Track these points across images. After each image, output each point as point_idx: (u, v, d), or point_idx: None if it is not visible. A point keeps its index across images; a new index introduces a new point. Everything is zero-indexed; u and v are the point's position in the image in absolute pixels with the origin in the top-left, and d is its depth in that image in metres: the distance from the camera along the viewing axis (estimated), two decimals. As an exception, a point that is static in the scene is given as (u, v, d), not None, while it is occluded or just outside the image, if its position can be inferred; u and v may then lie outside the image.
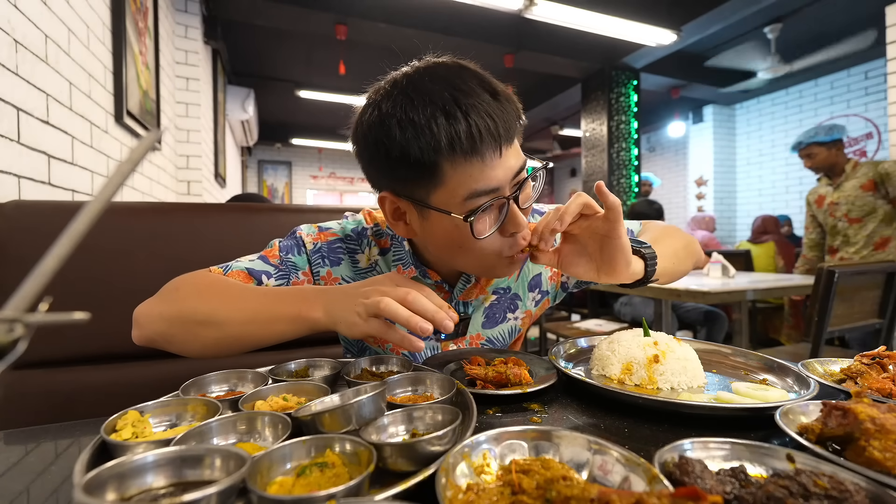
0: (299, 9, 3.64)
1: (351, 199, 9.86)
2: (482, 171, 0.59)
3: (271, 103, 6.46)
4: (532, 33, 4.24)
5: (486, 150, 0.58)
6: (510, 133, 0.60)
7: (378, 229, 0.83)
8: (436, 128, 0.56)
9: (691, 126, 6.86)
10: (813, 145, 2.71)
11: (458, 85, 0.58)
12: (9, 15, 1.16)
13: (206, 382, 0.56)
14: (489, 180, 0.60)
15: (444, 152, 0.57)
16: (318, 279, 0.80)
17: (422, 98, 0.58)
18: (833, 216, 2.76)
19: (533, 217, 0.92)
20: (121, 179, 0.27)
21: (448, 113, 0.57)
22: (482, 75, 0.62)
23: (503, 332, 0.87)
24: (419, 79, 0.60)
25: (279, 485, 0.34)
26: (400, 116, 0.58)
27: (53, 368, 0.92)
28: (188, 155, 3.13)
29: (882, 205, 2.59)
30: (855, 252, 2.70)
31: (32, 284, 0.24)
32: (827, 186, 2.81)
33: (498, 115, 0.58)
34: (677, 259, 0.82)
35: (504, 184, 0.61)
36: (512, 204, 0.63)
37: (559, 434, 0.40)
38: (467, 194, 0.60)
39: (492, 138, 0.58)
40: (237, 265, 0.75)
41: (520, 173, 0.63)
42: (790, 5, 3.94)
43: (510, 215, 0.63)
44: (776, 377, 0.64)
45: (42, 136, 1.32)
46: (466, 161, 0.58)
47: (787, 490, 0.31)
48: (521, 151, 0.66)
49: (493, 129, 0.57)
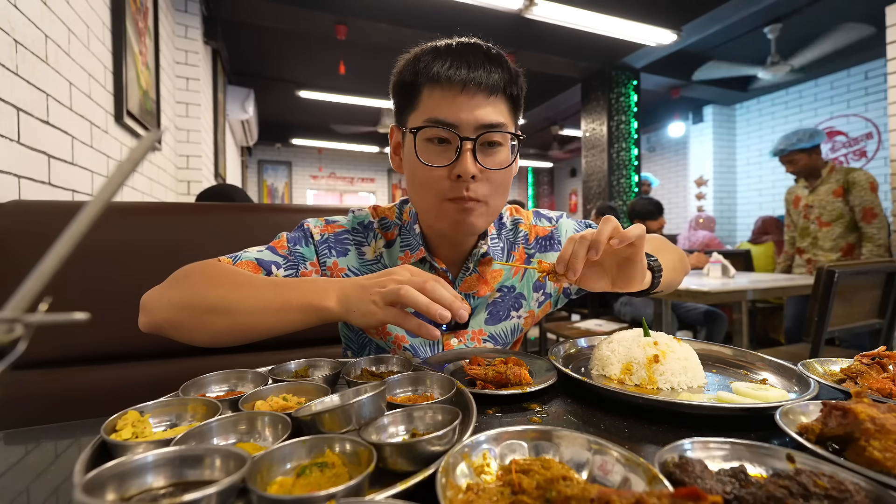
0: (299, 9, 3.64)
1: (351, 199, 9.87)
2: (446, 103, 0.68)
3: (271, 103, 6.46)
4: (532, 33, 4.24)
5: (455, 86, 0.67)
6: (484, 83, 0.67)
7: (385, 221, 0.85)
8: (425, 59, 0.70)
9: (691, 126, 6.86)
10: (795, 152, 2.81)
11: (460, 41, 0.72)
12: (9, 15, 1.16)
13: (206, 382, 0.56)
14: (449, 114, 0.68)
15: (422, 77, 0.69)
16: (325, 269, 0.81)
17: (430, 45, 0.72)
18: (806, 218, 2.90)
19: (539, 220, 0.93)
20: (121, 179, 0.27)
21: (438, 50, 0.70)
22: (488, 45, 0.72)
23: (505, 329, 0.87)
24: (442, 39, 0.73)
25: (279, 485, 0.34)
26: (410, 54, 0.73)
27: (53, 368, 0.92)
28: (188, 155, 3.13)
29: (848, 211, 2.72)
30: (823, 255, 2.83)
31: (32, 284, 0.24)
32: (803, 189, 2.93)
33: (477, 64, 0.68)
34: (675, 271, 0.84)
35: (465, 125, 0.68)
36: (465, 147, 0.68)
37: (559, 434, 0.40)
38: (428, 117, 0.69)
39: (459, 78, 0.67)
40: (246, 255, 0.75)
41: (491, 129, 0.69)
42: (790, 5, 3.95)
43: (461, 160, 0.68)
44: (776, 377, 0.64)
45: (42, 136, 1.32)
46: (437, 90, 0.68)
47: (787, 490, 0.31)
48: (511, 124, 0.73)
49: (467, 72, 0.67)
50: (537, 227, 0.92)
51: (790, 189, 3.08)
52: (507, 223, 0.91)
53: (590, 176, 5.27)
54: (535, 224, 0.92)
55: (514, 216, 0.92)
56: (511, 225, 0.91)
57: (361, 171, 9.87)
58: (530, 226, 0.91)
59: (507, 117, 0.72)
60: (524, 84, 0.75)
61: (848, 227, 2.75)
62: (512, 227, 0.91)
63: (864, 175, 2.68)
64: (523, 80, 0.75)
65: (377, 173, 10.02)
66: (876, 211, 2.64)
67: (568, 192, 10.43)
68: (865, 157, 5.21)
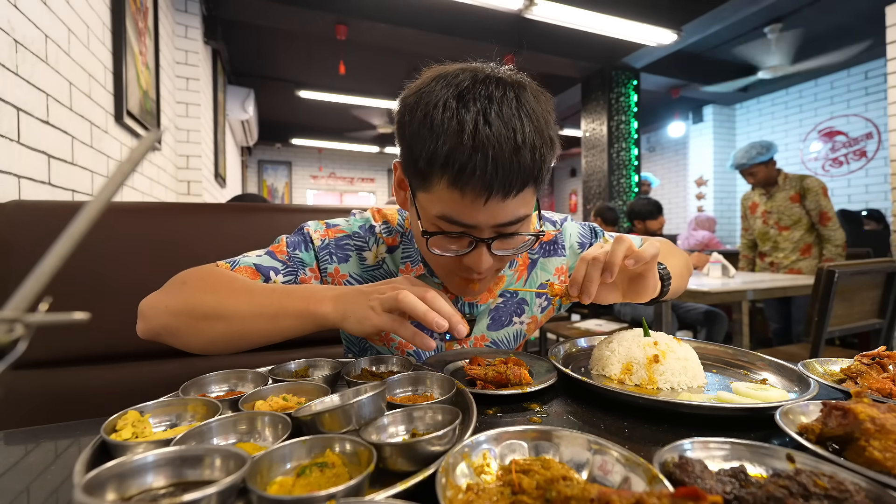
0: (299, 9, 3.64)
1: (351, 199, 9.87)
2: (462, 205, 0.58)
3: (271, 103, 6.46)
4: (532, 33, 4.24)
5: (473, 191, 0.56)
6: (508, 188, 0.57)
7: (387, 227, 0.83)
8: (442, 143, 0.56)
9: (691, 126, 6.86)
10: (756, 165, 3.03)
11: (488, 115, 0.56)
12: (9, 15, 1.16)
13: (206, 382, 0.56)
14: (466, 217, 0.59)
15: (438, 167, 0.57)
16: (326, 276, 0.79)
17: (454, 107, 0.57)
18: (766, 223, 3.12)
19: (544, 224, 0.90)
20: (121, 179, 0.27)
21: (460, 137, 0.55)
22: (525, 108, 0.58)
23: (508, 335, 0.87)
24: (469, 86, 0.58)
25: (279, 485, 0.34)
26: (428, 110, 0.58)
27: (53, 368, 0.92)
28: (188, 155, 3.13)
29: (805, 214, 2.96)
30: (784, 257, 3.07)
31: (32, 284, 0.24)
32: (760, 196, 3.15)
33: (504, 167, 0.55)
34: (681, 277, 0.84)
35: (483, 226, 0.60)
36: (482, 246, 0.62)
37: (559, 434, 0.40)
38: (442, 213, 0.60)
39: (483, 185, 0.56)
40: (245, 260, 0.74)
41: (512, 224, 0.61)
42: (790, 5, 3.95)
43: (474, 254, 0.63)
44: (776, 377, 0.64)
45: (42, 136, 1.32)
46: (454, 188, 0.57)
47: (787, 490, 0.31)
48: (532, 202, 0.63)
49: (489, 178, 0.55)
50: (549, 230, 0.90)
51: (746, 195, 3.30)
52: None
53: (590, 176, 5.27)
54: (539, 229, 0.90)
55: None
56: None
57: (361, 171, 9.87)
58: None
59: (531, 199, 0.63)
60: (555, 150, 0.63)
61: (806, 229, 2.98)
62: None
63: (817, 181, 2.93)
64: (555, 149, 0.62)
65: (377, 173, 10.01)
66: (829, 214, 2.88)
67: (568, 192, 10.43)
68: (865, 157, 5.22)
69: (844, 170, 5.42)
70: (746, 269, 3.37)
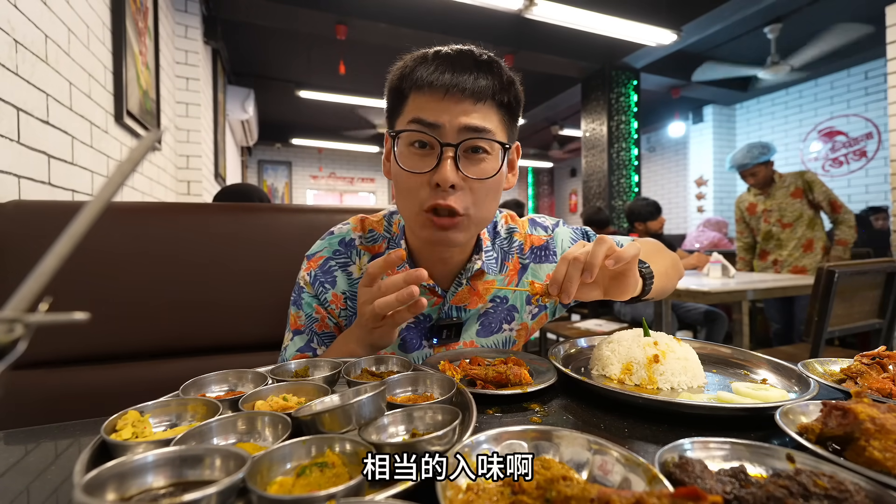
0: (300, 9, 3.64)
1: (351, 199, 9.87)
2: (429, 106, 0.67)
3: (271, 103, 6.46)
4: (532, 33, 4.25)
5: (439, 90, 0.66)
6: (469, 88, 0.66)
7: (372, 235, 0.84)
8: (412, 63, 0.69)
9: (691, 126, 6.86)
10: (757, 165, 3.06)
11: (452, 47, 0.71)
12: (9, 15, 1.16)
13: (205, 382, 0.56)
14: (432, 116, 0.66)
15: (408, 82, 0.68)
16: (328, 305, 0.82)
17: (421, 52, 0.71)
18: (767, 222, 3.14)
19: (535, 229, 0.91)
20: (121, 179, 0.27)
21: (427, 56, 0.70)
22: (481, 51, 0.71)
23: (497, 342, 0.86)
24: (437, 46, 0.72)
25: (279, 485, 0.34)
26: (401, 61, 0.73)
27: (53, 368, 0.92)
28: (188, 155, 3.13)
29: (807, 210, 3.01)
30: (788, 254, 3.09)
31: (32, 284, 0.24)
32: (756, 197, 3.19)
33: (464, 69, 0.67)
34: (667, 277, 0.83)
35: (447, 128, 0.66)
36: (446, 154, 0.66)
37: (559, 434, 0.40)
38: (412, 118, 0.68)
39: (447, 82, 0.66)
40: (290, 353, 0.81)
41: (475, 133, 0.67)
42: (790, 5, 3.95)
43: (441, 167, 0.66)
44: (776, 377, 0.64)
45: (42, 136, 1.32)
46: (421, 93, 0.68)
47: (787, 490, 0.31)
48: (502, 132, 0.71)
49: (451, 76, 0.66)
50: (532, 236, 0.89)
51: (741, 198, 3.32)
52: (502, 232, 0.88)
53: (590, 176, 5.27)
54: (530, 233, 0.90)
55: (508, 224, 0.90)
56: (505, 234, 0.88)
57: (361, 171, 9.87)
58: (525, 235, 0.89)
59: (497, 125, 0.69)
60: (520, 92, 0.73)
61: (808, 224, 3.02)
62: (506, 235, 0.88)
63: (815, 174, 3.03)
64: (519, 87, 0.72)
65: (377, 173, 10.01)
66: (839, 201, 2.95)
67: (568, 192, 10.44)
68: (865, 157, 5.22)
69: (844, 170, 5.42)
70: (744, 271, 3.37)
